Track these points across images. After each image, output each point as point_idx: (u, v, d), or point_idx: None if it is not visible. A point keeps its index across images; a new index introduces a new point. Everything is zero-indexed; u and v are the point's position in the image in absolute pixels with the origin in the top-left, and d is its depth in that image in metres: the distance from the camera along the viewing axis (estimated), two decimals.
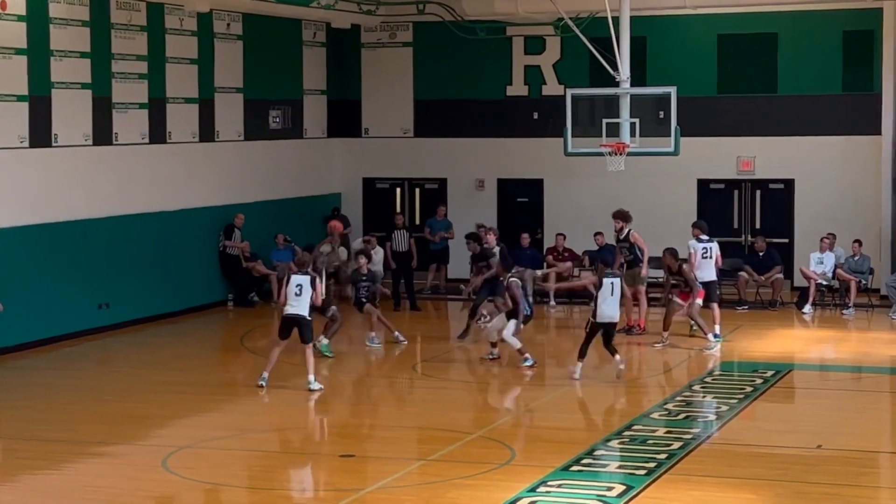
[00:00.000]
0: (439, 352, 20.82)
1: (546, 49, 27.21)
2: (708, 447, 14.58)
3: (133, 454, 14.52)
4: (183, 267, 23.66)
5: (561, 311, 24.85)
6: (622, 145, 21.30)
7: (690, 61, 26.28)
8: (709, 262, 21.08)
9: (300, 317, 17.37)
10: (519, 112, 27.34)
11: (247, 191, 25.40)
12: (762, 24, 25.98)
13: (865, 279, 24.14)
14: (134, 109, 22.76)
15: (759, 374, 18.59)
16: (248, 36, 25.40)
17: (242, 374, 19.25)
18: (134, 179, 22.78)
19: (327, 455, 14.88)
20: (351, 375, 19.27)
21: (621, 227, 21.91)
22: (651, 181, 26.09)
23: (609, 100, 21.80)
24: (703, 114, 25.77)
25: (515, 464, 13.91)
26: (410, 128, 28.15)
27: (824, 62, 25.80)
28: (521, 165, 27.38)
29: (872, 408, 17.19)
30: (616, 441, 14.73)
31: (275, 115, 26.51)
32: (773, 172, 26.25)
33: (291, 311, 17.40)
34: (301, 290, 17.33)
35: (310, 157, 27.58)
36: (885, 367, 19.50)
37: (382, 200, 28.25)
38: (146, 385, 18.21)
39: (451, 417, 16.11)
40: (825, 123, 25.85)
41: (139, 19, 22.77)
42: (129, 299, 22.46)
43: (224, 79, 24.94)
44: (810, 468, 13.83)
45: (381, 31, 28.02)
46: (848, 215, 25.42)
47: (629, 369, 19.01)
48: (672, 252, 20.56)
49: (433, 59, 27.79)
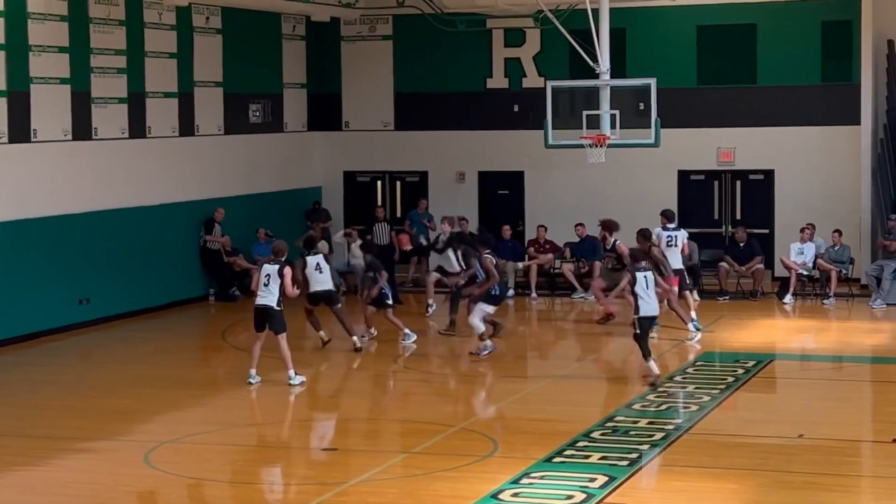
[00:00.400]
0: (421, 344, 20.81)
1: (526, 41, 27.22)
2: (690, 437, 14.61)
3: (115, 449, 14.50)
4: (164, 262, 23.61)
5: (542, 304, 24.88)
6: (602, 137, 21.32)
7: (670, 53, 26.31)
8: (674, 250, 21.10)
9: (268, 307, 17.29)
10: (499, 104, 27.34)
11: (227, 185, 25.36)
12: (741, 15, 26.03)
13: (846, 269, 24.22)
14: (113, 104, 22.69)
15: (741, 364, 18.64)
16: (227, 30, 25.34)
17: (224, 368, 19.24)
18: (114, 174, 22.71)
19: (310, 449, 14.87)
20: (334, 369, 19.26)
21: (605, 238, 21.96)
22: (632, 173, 26.12)
23: (589, 92, 21.81)
24: (683, 105, 25.80)
25: (498, 456, 13.93)
26: (391, 121, 28.13)
27: (803, 53, 25.86)
28: (501, 158, 27.39)
29: (853, 397, 17.26)
30: (598, 432, 14.76)
31: (255, 109, 26.46)
32: (752, 163, 26.31)
33: (259, 301, 17.37)
34: (269, 280, 17.26)
35: (290, 151, 27.54)
36: (866, 357, 19.59)
37: (363, 194, 28.22)
38: (128, 380, 18.17)
39: (434, 410, 16.13)
40: (804, 114, 25.93)
41: (118, 14, 22.70)
42: (109, 294, 22.41)
43: (204, 73, 24.88)
44: (792, 457, 13.89)
45: (360, 25, 27.98)
46: (828, 205, 25.49)
47: (612, 359, 19.04)
48: (644, 234, 20.55)
49: (413, 52, 27.77)
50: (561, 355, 20.55)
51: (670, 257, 20.93)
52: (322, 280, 19.28)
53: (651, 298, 17.54)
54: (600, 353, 20.21)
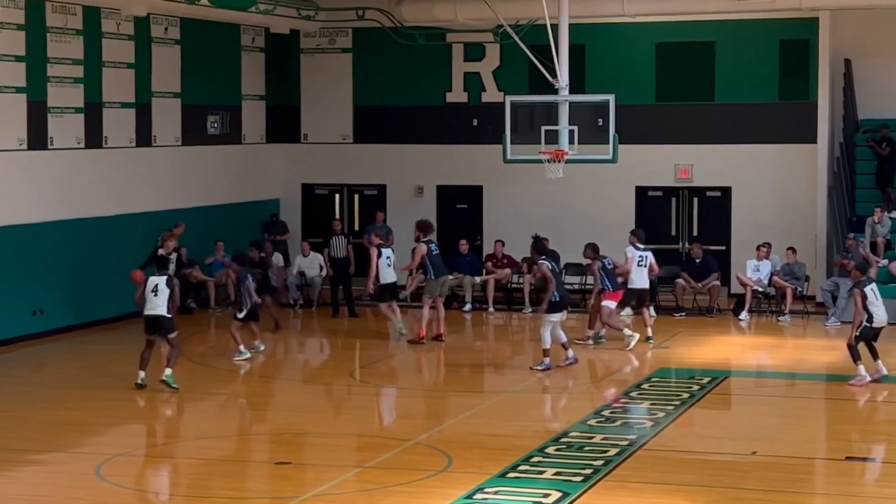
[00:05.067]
0: (377, 358, 20.75)
1: (485, 56, 27.26)
2: (644, 454, 14.62)
3: (66, 462, 14.37)
4: (119, 273, 23.35)
5: (500, 318, 24.87)
6: (561, 152, 21.36)
7: (629, 69, 26.41)
8: (642, 269, 21.43)
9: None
10: (458, 119, 27.36)
11: (184, 196, 25.23)
12: (700, 33, 26.16)
13: (801, 286, 24.34)
14: (70, 114, 22.55)
15: (696, 380, 18.69)
16: (185, 40, 25.24)
17: (178, 381, 19.10)
18: (70, 184, 22.56)
19: (264, 462, 14.79)
20: (288, 382, 19.17)
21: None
22: (590, 188, 26.19)
23: (548, 107, 21.84)
24: (641, 121, 25.90)
25: (452, 471, 13.89)
26: (350, 134, 28.09)
27: (761, 71, 26.03)
28: (460, 172, 27.40)
29: (807, 414, 17.34)
30: (553, 447, 14.75)
31: (213, 121, 26.36)
32: (710, 180, 26.43)
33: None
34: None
35: (248, 163, 27.45)
36: (820, 374, 19.67)
37: (321, 206, 28.16)
38: (80, 392, 18.04)
39: (389, 424, 16.06)
40: (762, 131, 26.08)
41: (75, 23, 22.56)
42: (64, 305, 22.25)
43: (162, 83, 24.77)
44: (745, 475, 13.92)
45: (320, 37, 27.95)
46: (784, 223, 25.64)
47: (568, 374, 19.04)
48: (592, 247, 20.85)
49: (373, 66, 27.75)
50: (517, 370, 20.51)
51: (638, 276, 21.16)
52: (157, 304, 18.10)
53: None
54: (556, 369, 20.20)
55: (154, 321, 17.73)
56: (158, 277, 17.87)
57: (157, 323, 17.73)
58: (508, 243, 25.82)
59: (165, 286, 17.69)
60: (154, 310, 17.68)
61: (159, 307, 17.65)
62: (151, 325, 17.80)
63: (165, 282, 17.73)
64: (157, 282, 17.77)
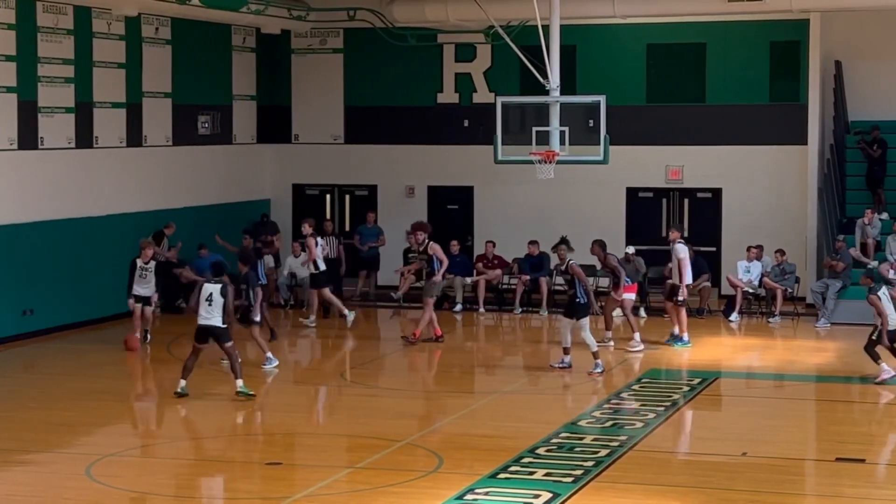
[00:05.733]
0: (368, 359, 20.75)
1: (477, 57, 27.27)
2: (634, 454, 14.64)
3: (56, 462, 14.35)
4: (109, 273, 23.39)
5: (490, 319, 24.88)
6: (552, 153, 21.36)
7: (620, 70, 26.44)
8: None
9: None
10: (449, 119, 27.37)
11: (175, 196, 25.21)
12: (691, 35, 26.19)
13: (790, 286, 24.37)
14: (60, 113, 22.52)
15: (687, 381, 18.72)
16: (176, 40, 25.21)
17: (169, 381, 19.08)
18: (60, 184, 22.54)
19: (254, 463, 14.78)
20: (279, 383, 19.15)
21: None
22: (580, 189, 26.21)
23: (539, 108, 21.85)
24: (632, 123, 25.92)
25: (443, 471, 13.90)
26: (341, 134, 28.08)
27: (752, 72, 26.07)
28: (451, 173, 27.41)
29: (797, 416, 17.37)
30: (543, 448, 14.76)
31: (204, 121, 26.34)
32: (701, 181, 26.47)
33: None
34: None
35: (239, 163, 27.43)
36: (810, 376, 19.69)
37: (312, 207, 28.13)
38: (70, 392, 18.01)
39: (380, 425, 16.07)
40: (752, 133, 26.11)
41: (66, 23, 22.54)
42: (54, 306, 22.22)
43: (152, 83, 24.74)
44: (735, 475, 13.94)
45: (311, 37, 27.94)
46: (775, 224, 25.67)
47: (558, 377, 19.04)
48: (600, 244, 20.87)
49: (364, 66, 27.75)
50: (508, 371, 20.54)
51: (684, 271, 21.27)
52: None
53: None
54: (547, 369, 20.22)
55: (207, 331, 17.09)
56: (213, 286, 17.12)
57: (209, 332, 17.09)
58: (499, 244, 25.83)
59: (220, 295, 16.99)
60: (208, 319, 17.04)
61: (214, 317, 17.02)
62: (203, 334, 17.13)
63: (220, 290, 17.01)
64: (211, 290, 17.06)
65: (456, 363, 20.70)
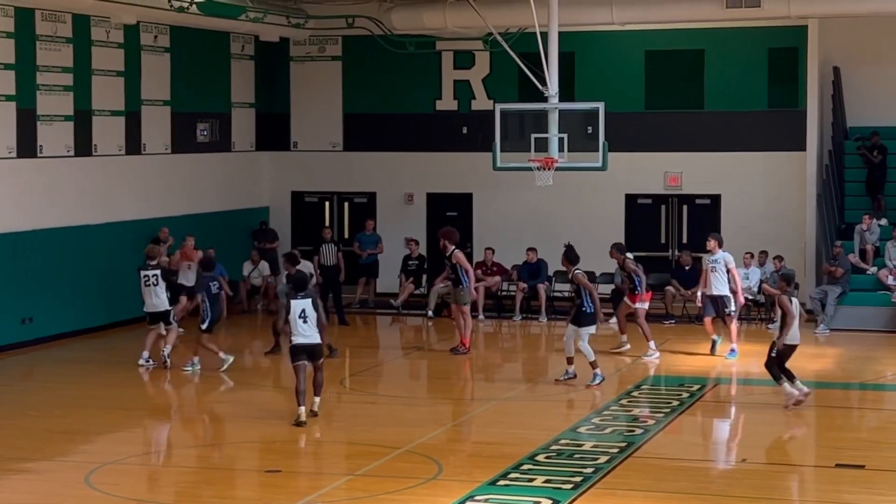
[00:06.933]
0: (367, 366, 20.75)
1: (475, 64, 27.28)
2: (634, 461, 14.63)
3: (56, 470, 14.35)
4: (108, 281, 23.42)
5: (489, 326, 24.88)
6: (550, 160, 21.37)
7: (618, 77, 26.45)
8: (721, 276, 21.09)
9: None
10: (448, 126, 27.37)
11: (174, 204, 25.20)
12: (689, 41, 26.21)
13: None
14: (59, 122, 22.53)
15: (686, 388, 18.71)
16: (175, 48, 25.23)
17: (168, 389, 19.09)
18: (59, 192, 22.54)
19: (253, 470, 14.77)
20: (278, 390, 19.14)
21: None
22: (579, 196, 26.22)
23: (538, 115, 21.85)
24: (630, 129, 25.93)
25: (442, 478, 13.89)
26: (339, 141, 28.09)
27: (750, 79, 26.08)
28: (450, 180, 27.41)
29: (796, 422, 17.32)
30: (543, 455, 14.75)
31: (202, 128, 26.35)
32: (699, 188, 26.47)
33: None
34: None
35: (238, 171, 27.43)
36: (809, 381, 19.62)
37: (311, 214, 28.15)
38: (70, 400, 18.00)
39: (379, 432, 16.06)
40: (751, 139, 26.12)
41: (65, 31, 22.55)
42: (53, 314, 22.21)
43: (151, 91, 24.76)
44: (734, 482, 13.94)
45: (309, 45, 27.96)
46: (773, 230, 25.67)
47: (558, 383, 19.04)
48: (618, 247, 20.91)
49: (362, 73, 27.76)
50: (507, 378, 20.53)
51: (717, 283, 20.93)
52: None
53: None
54: (546, 376, 20.23)
55: (306, 349, 16.18)
56: (302, 301, 16.17)
57: (309, 350, 16.20)
58: (498, 251, 25.84)
59: (312, 310, 16.20)
60: (308, 337, 16.13)
61: (313, 334, 16.15)
62: (301, 352, 16.17)
63: (311, 305, 16.19)
64: (303, 306, 16.12)
65: (455, 370, 20.69)
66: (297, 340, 16.18)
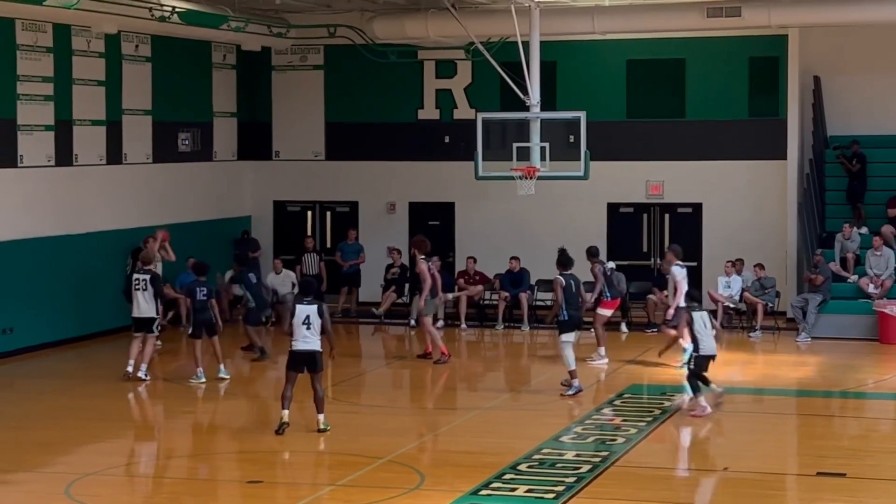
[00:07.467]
0: (349, 376, 20.72)
1: (457, 73, 27.30)
2: (616, 470, 14.63)
3: (35, 482, 14.28)
4: (90, 291, 23.35)
5: (472, 335, 24.87)
6: (532, 169, 21.41)
7: (600, 86, 26.50)
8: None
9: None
10: (430, 136, 27.38)
11: (156, 214, 25.13)
12: (670, 50, 26.27)
13: (771, 300, 24.42)
14: (40, 131, 22.47)
15: (668, 396, 18.71)
16: (156, 58, 25.19)
17: (149, 399, 19.03)
18: (40, 202, 22.47)
19: (235, 481, 14.72)
20: (259, 399, 19.10)
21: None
22: (561, 205, 26.24)
23: (520, 124, 21.90)
24: (612, 138, 25.98)
25: (424, 488, 13.87)
26: (321, 150, 28.08)
27: (731, 88, 26.15)
28: (432, 189, 27.42)
29: (778, 430, 17.38)
30: (525, 464, 14.74)
31: (184, 138, 26.31)
32: (681, 196, 26.52)
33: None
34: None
35: (220, 180, 27.39)
36: (791, 390, 19.74)
37: (293, 223, 28.12)
38: (49, 411, 17.93)
39: (361, 442, 16.03)
40: (732, 148, 26.19)
41: (45, 41, 22.49)
42: (33, 324, 22.13)
43: (132, 101, 24.71)
44: (717, 490, 13.93)
45: (291, 54, 27.94)
46: (754, 239, 25.72)
47: (540, 390, 19.03)
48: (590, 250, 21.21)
49: (344, 82, 27.75)
50: (489, 387, 20.52)
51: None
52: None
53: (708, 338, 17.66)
54: (529, 385, 20.23)
55: (306, 356, 15.97)
56: (308, 307, 15.91)
57: (309, 358, 15.99)
58: (480, 260, 25.85)
59: (318, 317, 15.88)
60: (309, 344, 15.90)
61: (314, 342, 15.92)
62: (301, 360, 15.97)
63: (317, 311, 15.87)
64: (308, 312, 15.84)
65: (438, 379, 20.68)
66: (297, 346, 16.00)
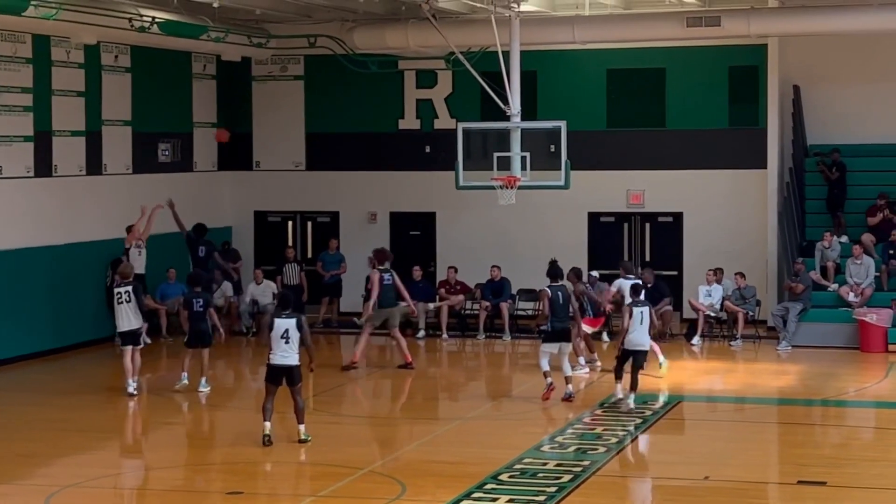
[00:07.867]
0: (330, 386, 20.68)
1: (438, 83, 27.30)
2: (597, 479, 14.62)
3: (15, 494, 14.22)
4: (69, 302, 23.27)
5: (453, 345, 24.85)
6: (513, 179, 21.42)
7: (580, 95, 26.53)
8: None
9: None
10: (411, 145, 27.37)
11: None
12: (650, 60, 26.32)
13: (752, 309, 24.46)
14: (19, 142, 22.39)
15: (649, 405, 18.71)
16: (136, 68, 25.13)
17: (128, 411, 18.95)
18: (19, 213, 22.39)
19: (215, 493, 14.67)
20: (240, 410, 19.04)
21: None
22: (542, 214, 26.25)
23: (500, 133, 21.92)
24: (592, 148, 26.01)
25: (406, 499, 13.84)
26: (302, 161, 28.04)
27: (711, 97, 26.21)
28: (413, 199, 27.40)
29: (759, 438, 17.39)
30: (507, 474, 14.72)
31: (164, 148, 26.25)
32: (661, 206, 26.56)
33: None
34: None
35: (200, 191, 27.31)
36: (772, 398, 19.76)
37: (274, 234, 28.07)
38: (29, 423, 17.84)
39: (342, 452, 15.99)
40: (712, 157, 26.24)
41: (24, 51, 22.43)
42: (12, 336, 22.03)
43: (112, 111, 24.64)
44: (698, 499, 13.95)
45: (271, 64, 27.91)
46: (735, 248, 25.77)
47: (522, 400, 19.02)
48: (574, 271, 21.00)
49: (325, 93, 27.73)
50: (471, 397, 20.50)
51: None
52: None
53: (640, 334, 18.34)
54: (511, 394, 20.22)
55: (285, 371, 16.02)
56: (287, 321, 15.99)
57: (287, 372, 16.03)
58: (461, 270, 25.84)
59: (297, 330, 15.98)
60: (286, 358, 15.95)
61: (292, 355, 15.98)
62: (279, 374, 16.04)
63: (296, 325, 15.96)
64: (286, 326, 15.92)
65: (419, 389, 20.65)
66: (274, 361, 16.04)
